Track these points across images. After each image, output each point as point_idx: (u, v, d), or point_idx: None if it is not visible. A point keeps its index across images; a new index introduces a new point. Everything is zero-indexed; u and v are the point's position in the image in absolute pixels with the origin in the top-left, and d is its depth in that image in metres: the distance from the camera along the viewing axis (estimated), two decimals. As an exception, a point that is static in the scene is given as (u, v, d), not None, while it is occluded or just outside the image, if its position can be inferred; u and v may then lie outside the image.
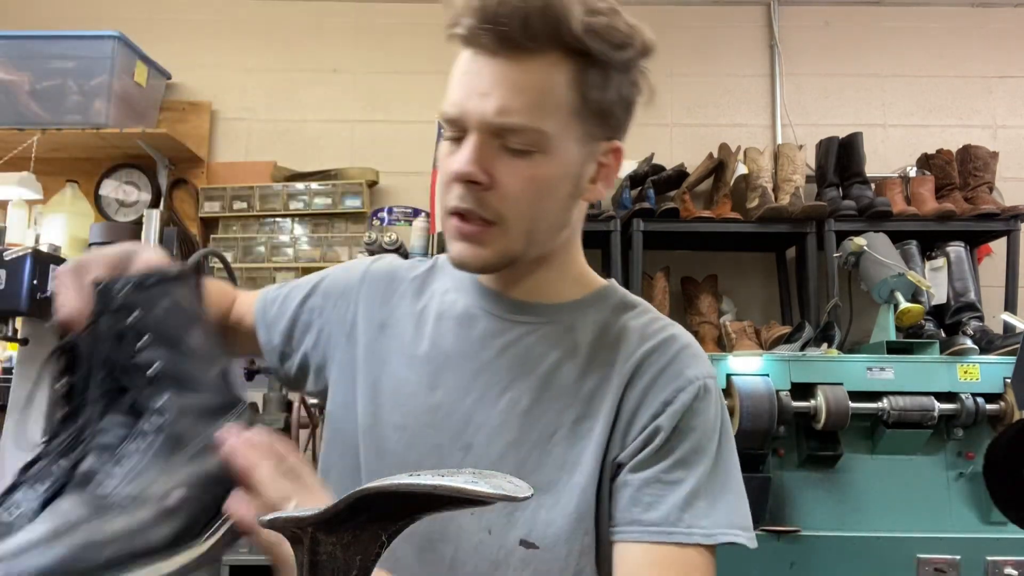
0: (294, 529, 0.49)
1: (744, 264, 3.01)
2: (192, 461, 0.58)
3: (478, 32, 0.70)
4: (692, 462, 0.76)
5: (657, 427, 0.76)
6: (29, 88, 2.73)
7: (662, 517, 0.74)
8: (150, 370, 0.60)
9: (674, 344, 0.81)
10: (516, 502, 0.45)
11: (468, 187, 0.73)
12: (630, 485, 0.76)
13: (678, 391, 0.77)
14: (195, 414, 0.60)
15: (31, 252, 2.28)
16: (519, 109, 0.71)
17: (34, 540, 0.49)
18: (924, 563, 2.12)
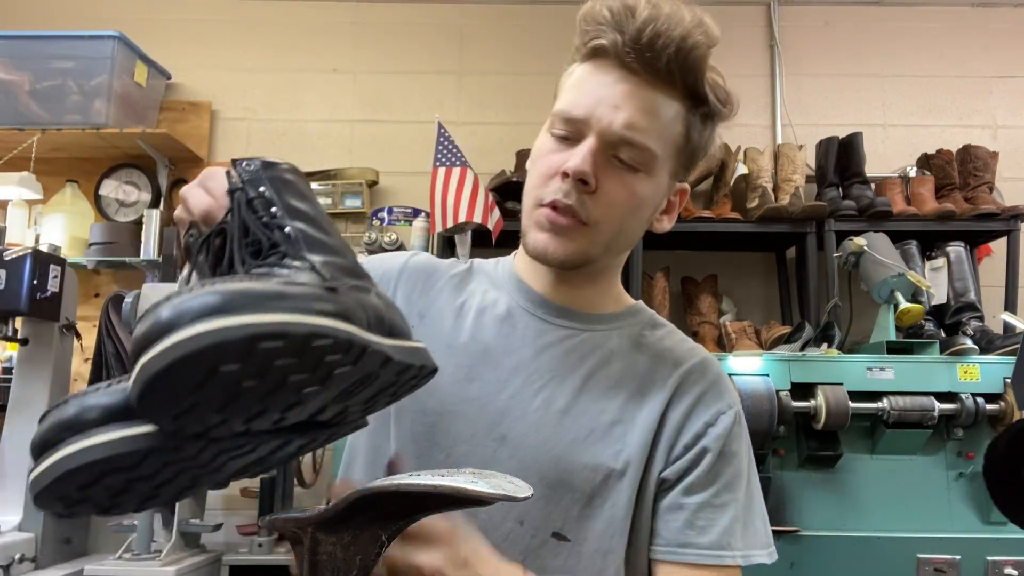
0: (294, 529, 0.49)
1: (744, 264, 3.01)
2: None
3: (626, 51, 0.76)
4: (735, 486, 0.83)
5: (704, 448, 0.82)
6: (29, 88, 2.73)
7: (714, 541, 0.80)
8: (290, 229, 0.60)
9: (711, 368, 0.88)
10: (516, 502, 0.45)
11: (576, 185, 0.78)
12: (685, 509, 0.81)
13: (719, 414, 0.84)
14: (342, 270, 0.60)
15: (31, 252, 2.28)
16: (643, 128, 0.78)
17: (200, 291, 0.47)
18: (924, 563, 2.12)
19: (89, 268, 2.83)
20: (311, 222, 0.61)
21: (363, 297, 0.56)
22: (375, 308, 0.56)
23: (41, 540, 2.21)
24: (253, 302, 0.44)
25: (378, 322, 0.55)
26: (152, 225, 2.79)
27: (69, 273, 2.46)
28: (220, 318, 0.42)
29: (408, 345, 0.57)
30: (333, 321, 0.47)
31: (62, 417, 0.48)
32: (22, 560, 2.13)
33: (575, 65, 0.83)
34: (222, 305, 0.43)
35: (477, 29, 3.18)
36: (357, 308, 0.52)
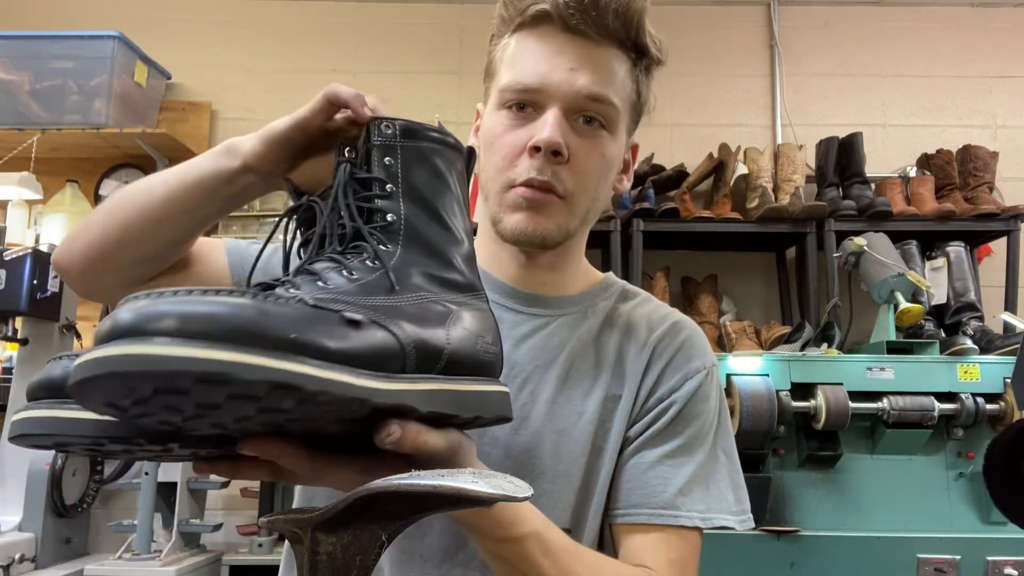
0: (294, 529, 0.49)
1: (744, 264, 3.01)
2: (398, 304, 0.53)
3: (570, 13, 0.74)
4: (694, 447, 0.80)
5: (663, 409, 0.80)
6: (29, 88, 2.73)
7: (667, 500, 0.77)
8: (388, 216, 0.56)
9: (682, 331, 0.85)
10: (516, 502, 0.45)
11: (548, 158, 0.75)
12: (636, 468, 0.79)
13: (685, 379, 0.81)
14: (421, 274, 0.56)
15: (31, 252, 2.29)
16: (604, 86, 0.76)
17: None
18: (924, 563, 2.12)
19: (89, 268, 2.82)
20: (430, 210, 0.58)
21: (405, 326, 0.51)
22: (420, 339, 0.51)
23: (41, 540, 2.21)
24: (203, 329, 0.41)
25: (420, 355, 0.51)
26: (152, 225, 2.79)
27: (69, 273, 2.46)
28: (153, 343, 0.40)
29: (445, 388, 0.53)
30: (278, 361, 0.42)
31: (46, 377, 0.53)
32: (22, 560, 2.13)
33: (508, 38, 0.79)
34: (163, 328, 0.40)
35: (477, 29, 3.18)
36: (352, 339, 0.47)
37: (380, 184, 0.57)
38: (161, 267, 0.77)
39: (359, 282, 0.53)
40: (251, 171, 0.68)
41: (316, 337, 0.45)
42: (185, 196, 0.71)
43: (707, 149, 2.90)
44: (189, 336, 0.40)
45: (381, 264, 0.54)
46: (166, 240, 0.74)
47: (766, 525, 2.17)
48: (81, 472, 2.37)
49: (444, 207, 0.59)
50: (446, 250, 0.59)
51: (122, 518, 2.34)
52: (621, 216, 2.69)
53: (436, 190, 0.59)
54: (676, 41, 3.30)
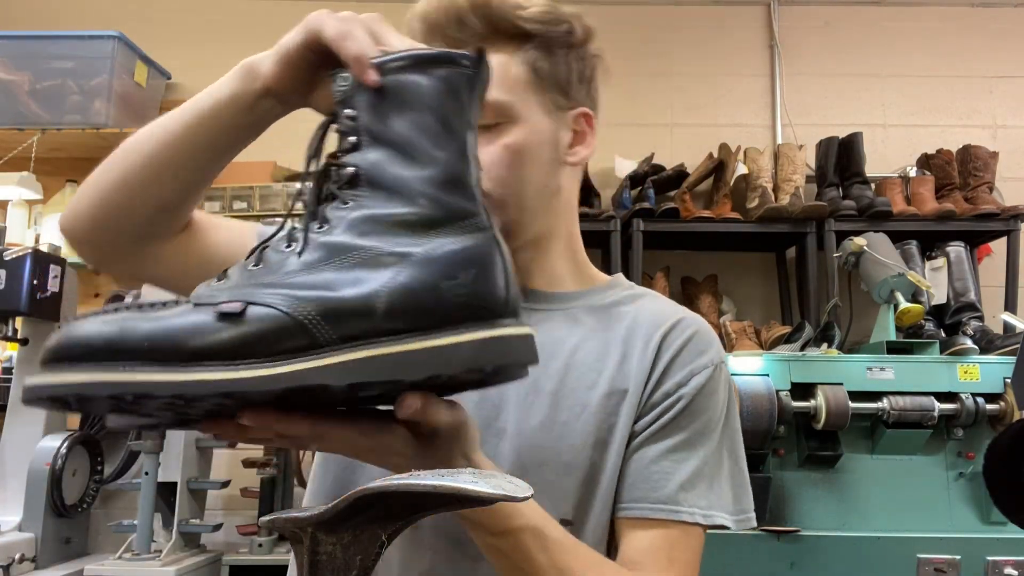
0: (294, 529, 0.49)
1: (744, 264, 3.01)
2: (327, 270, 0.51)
3: (441, 24, 0.77)
4: (698, 443, 0.80)
5: (669, 405, 0.80)
6: (29, 88, 2.73)
7: (669, 496, 0.77)
8: (346, 170, 0.54)
9: (689, 326, 0.84)
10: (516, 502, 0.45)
11: None
12: (639, 462, 0.79)
13: (692, 374, 0.81)
14: (376, 223, 0.52)
15: (31, 252, 2.28)
16: None
17: None
18: (924, 563, 2.12)
19: (89, 268, 2.83)
20: (397, 148, 0.53)
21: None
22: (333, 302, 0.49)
23: (41, 540, 2.21)
24: (79, 352, 0.47)
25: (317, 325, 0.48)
26: (152, 225, 2.79)
27: (69, 273, 2.46)
28: (47, 372, 0.47)
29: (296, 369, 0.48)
30: (118, 375, 0.47)
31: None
32: (22, 560, 2.13)
33: None
34: (54, 355, 0.47)
35: (477, 29, 3.18)
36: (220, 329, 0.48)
37: (345, 138, 0.55)
38: (177, 221, 0.75)
39: (290, 255, 0.52)
40: (271, 94, 0.65)
41: (174, 340, 0.47)
42: (200, 128, 0.68)
43: (707, 149, 2.90)
44: (71, 360, 0.47)
45: (320, 229, 0.53)
46: (181, 183, 0.71)
47: (766, 525, 2.17)
48: (81, 472, 2.37)
49: (420, 138, 0.54)
50: (417, 186, 0.53)
51: (122, 518, 2.34)
52: (621, 216, 2.69)
53: (407, 123, 0.54)
54: (676, 41, 3.32)
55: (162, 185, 0.70)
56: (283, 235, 0.54)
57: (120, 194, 0.71)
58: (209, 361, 0.46)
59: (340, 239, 0.51)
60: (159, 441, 2.23)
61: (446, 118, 0.55)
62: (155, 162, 0.69)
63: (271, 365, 0.47)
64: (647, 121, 3.07)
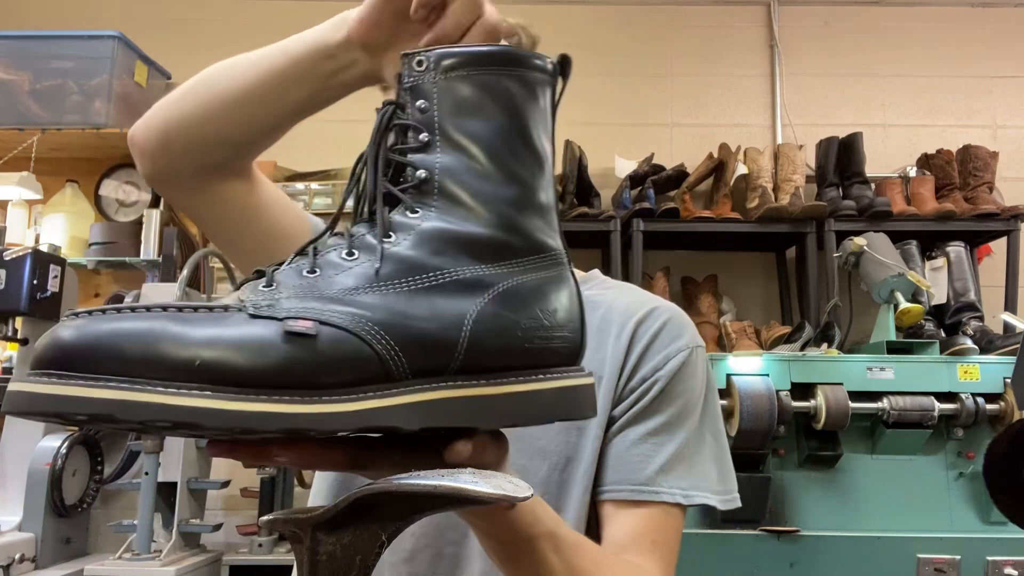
0: (294, 529, 0.49)
1: (744, 264, 3.01)
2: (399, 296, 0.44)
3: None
4: (677, 425, 0.80)
5: (646, 388, 0.80)
6: (29, 88, 2.73)
7: (649, 477, 0.77)
8: (419, 173, 0.47)
9: (662, 314, 0.85)
10: (516, 502, 0.45)
11: None
12: (618, 445, 0.79)
13: (668, 358, 0.81)
14: (452, 242, 0.46)
15: (31, 252, 2.28)
16: None
17: None
18: (924, 563, 2.12)
19: (89, 268, 2.83)
20: (477, 158, 0.47)
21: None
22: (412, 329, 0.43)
23: (41, 540, 2.21)
24: (103, 366, 0.38)
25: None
26: (152, 225, 2.79)
27: (69, 273, 2.46)
28: (43, 382, 0.37)
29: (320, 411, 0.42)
30: (162, 397, 0.38)
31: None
32: (22, 560, 2.13)
33: None
34: (59, 362, 0.38)
35: (477, 29, 3.18)
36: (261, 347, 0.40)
37: (415, 133, 0.48)
38: (241, 158, 0.75)
39: (355, 267, 0.45)
40: (354, 45, 0.63)
41: (232, 360, 0.39)
42: (284, 72, 0.66)
43: (707, 149, 2.90)
44: (90, 369, 0.38)
45: (387, 240, 0.46)
46: (255, 124, 0.71)
47: (766, 525, 2.17)
48: (81, 472, 2.37)
49: (503, 150, 0.48)
50: (498, 207, 0.47)
51: (122, 518, 2.34)
52: (621, 216, 2.69)
53: (493, 130, 0.48)
54: (676, 41, 3.31)
55: (230, 121, 0.70)
56: (341, 241, 0.48)
57: (191, 120, 0.71)
58: (272, 389, 0.40)
59: (411, 255, 0.46)
60: (159, 441, 2.23)
61: (531, 131, 0.49)
62: (229, 97, 0.69)
63: (342, 400, 0.41)
64: (647, 121, 3.07)
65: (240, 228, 0.81)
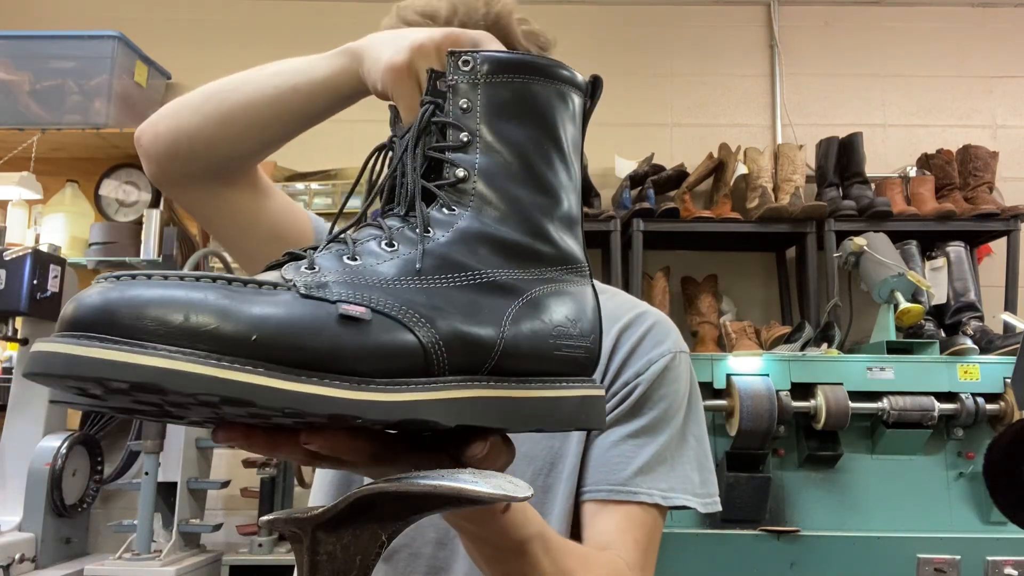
0: (294, 529, 0.49)
1: (744, 264, 3.01)
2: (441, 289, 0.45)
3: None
4: (658, 429, 0.81)
5: (628, 392, 0.81)
6: (29, 88, 2.73)
7: (628, 478, 0.78)
8: (458, 172, 0.48)
9: (647, 320, 0.86)
10: (516, 502, 0.45)
11: None
12: (599, 447, 0.80)
13: (650, 363, 0.82)
14: (489, 244, 0.47)
15: (31, 252, 2.29)
16: None
17: None
18: (924, 563, 2.12)
19: (89, 268, 2.83)
20: (517, 163, 0.48)
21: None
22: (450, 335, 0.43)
23: (41, 540, 2.21)
24: (150, 328, 0.36)
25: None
26: (152, 225, 2.79)
27: (69, 273, 2.46)
28: (84, 344, 0.35)
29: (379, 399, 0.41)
30: (218, 370, 0.36)
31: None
32: (22, 560, 2.13)
33: None
34: (102, 324, 0.35)
35: (477, 29, 3.18)
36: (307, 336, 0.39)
37: (455, 131, 0.48)
38: (249, 167, 0.77)
39: (395, 259, 0.45)
40: (367, 88, 0.65)
41: (288, 338, 0.38)
42: (290, 101, 0.68)
43: (707, 149, 2.90)
44: (133, 337, 0.36)
45: (425, 235, 0.46)
46: (263, 141, 0.73)
47: (766, 525, 2.17)
48: (81, 472, 2.37)
49: (538, 158, 0.49)
50: (531, 213, 0.49)
51: (122, 518, 2.34)
52: (621, 216, 2.69)
53: (529, 137, 0.49)
54: (676, 41, 3.31)
55: (237, 138, 0.72)
56: (378, 232, 0.48)
57: (202, 135, 0.72)
58: (323, 372, 0.39)
59: (450, 252, 0.46)
60: (159, 441, 2.23)
61: (565, 142, 0.51)
62: (236, 117, 0.70)
63: (391, 390, 0.41)
64: (647, 121, 3.07)
65: (244, 229, 0.83)
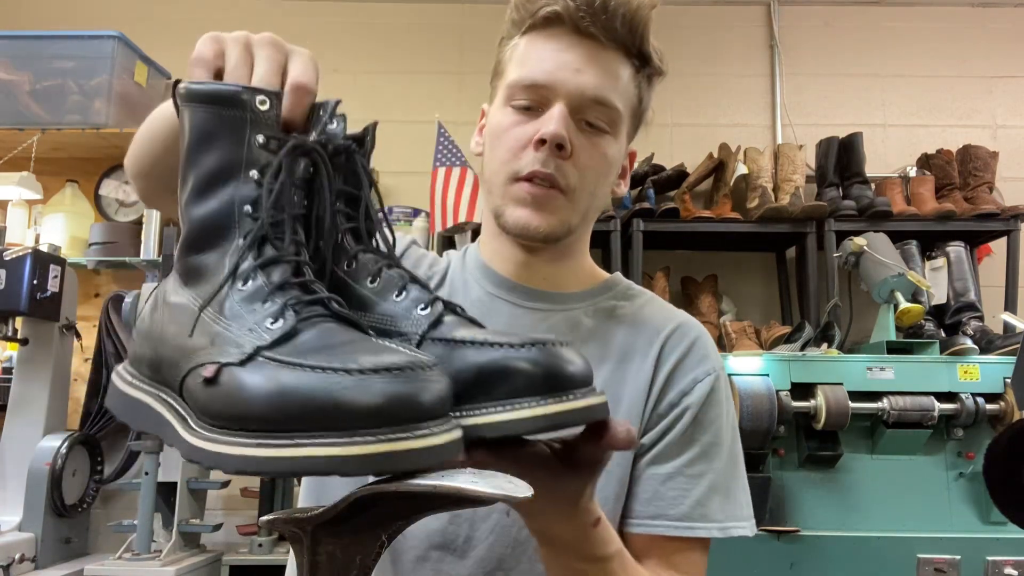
0: (294, 529, 0.49)
1: (744, 264, 3.01)
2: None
3: (580, 16, 0.75)
4: (712, 455, 0.80)
5: (677, 416, 0.80)
6: (29, 88, 2.73)
7: (686, 512, 0.77)
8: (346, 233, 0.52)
9: (690, 332, 0.85)
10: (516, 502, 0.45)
11: (553, 151, 0.76)
12: (653, 479, 0.78)
13: (695, 381, 0.81)
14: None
15: (31, 252, 2.28)
16: (609, 89, 0.78)
17: None
18: (924, 563, 2.12)
19: (89, 268, 2.83)
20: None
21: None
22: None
23: (41, 540, 2.21)
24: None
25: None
26: (152, 225, 2.79)
27: (69, 273, 2.46)
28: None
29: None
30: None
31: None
32: (22, 560, 2.13)
33: (517, 38, 0.81)
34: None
35: (477, 29, 3.18)
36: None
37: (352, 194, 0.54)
38: None
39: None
40: None
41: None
42: (169, 139, 0.68)
43: (707, 149, 2.90)
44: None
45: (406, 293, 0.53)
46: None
47: (766, 525, 2.17)
48: (81, 472, 2.37)
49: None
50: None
51: (122, 518, 2.34)
52: (621, 216, 2.69)
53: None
54: (676, 41, 3.31)
55: (168, 160, 0.71)
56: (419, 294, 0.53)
57: (145, 155, 0.74)
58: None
59: None
60: (159, 441, 2.23)
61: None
62: (156, 143, 0.72)
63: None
64: (647, 121, 3.07)
65: None
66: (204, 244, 0.49)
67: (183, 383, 0.45)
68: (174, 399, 0.47)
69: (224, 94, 0.49)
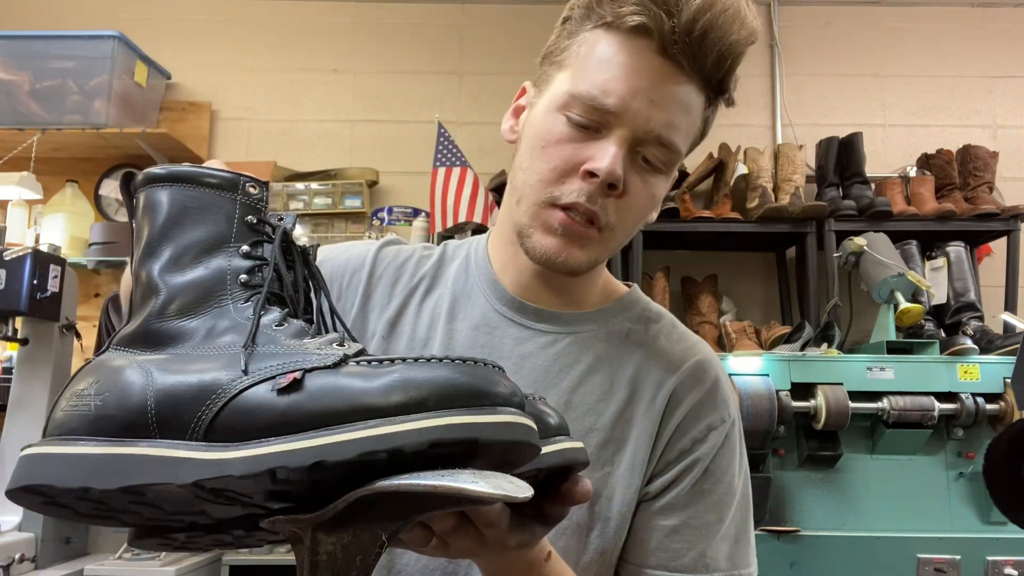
0: (294, 529, 0.49)
1: (744, 264, 3.01)
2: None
3: (673, 40, 0.66)
4: (723, 505, 0.76)
5: (687, 466, 0.76)
6: (29, 88, 2.73)
7: (688, 564, 0.74)
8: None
9: (707, 374, 0.80)
10: (515, 502, 0.45)
11: (602, 189, 0.69)
12: (659, 530, 0.75)
13: (709, 429, 0.77)
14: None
15: (31, 252, 2.28)
16: (678, 129, 0.70)
17: None
18: (924, 563, 2.12)
19: (89, 268, 2.83)
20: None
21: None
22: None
23: (41, 540, 2.21)
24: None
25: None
26: (152, 225, 2.78)
27: (69, 273, 2.46)
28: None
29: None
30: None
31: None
32: (22, 560, 2.13)
33: (597, 32, 0.70)
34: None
35: (477, 29, 3.18)
36: None
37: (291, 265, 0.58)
38: None
39: None
40: None
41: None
42: None
43: (707, 149, 2.90)
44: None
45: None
46: None
47: (766, 525, 2.17)
48: (81, 472, 2.37)
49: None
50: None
51: (122, 518, 2.34)
52: (621, 216, 2.69)
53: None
54: (676, 41, 3.29)
55: None
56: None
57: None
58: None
59: None
60: (159, 441, 2.22)
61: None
62: None
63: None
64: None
65: None
66: (187, 310, 0.51)
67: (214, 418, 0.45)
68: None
69: (220, 178, 0.54)
